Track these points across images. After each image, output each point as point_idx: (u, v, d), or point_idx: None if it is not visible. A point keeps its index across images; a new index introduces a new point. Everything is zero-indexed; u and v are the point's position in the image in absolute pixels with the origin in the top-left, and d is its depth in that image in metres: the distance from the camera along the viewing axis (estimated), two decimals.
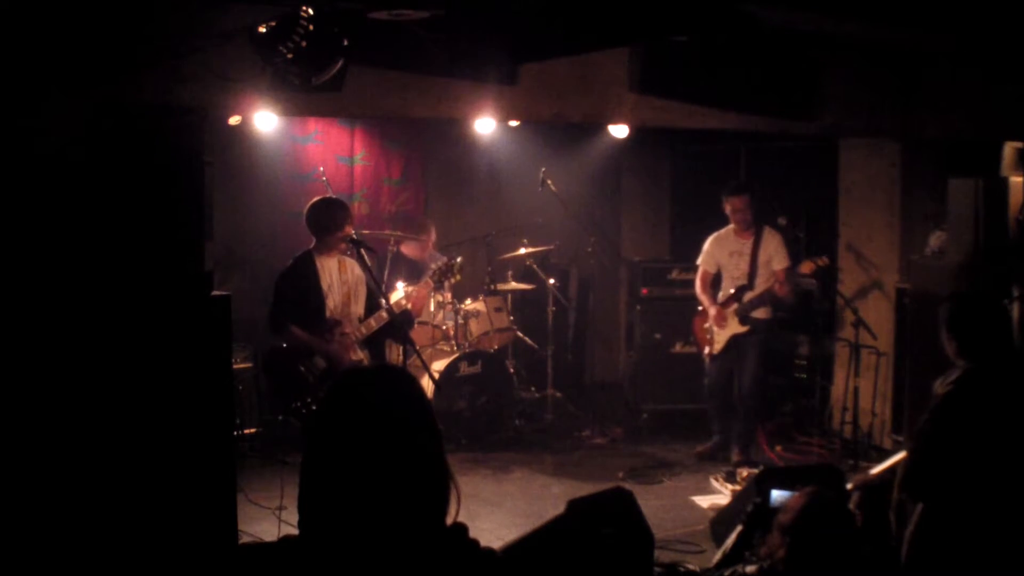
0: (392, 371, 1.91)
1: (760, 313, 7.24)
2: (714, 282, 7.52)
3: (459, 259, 6.61)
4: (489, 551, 1.83)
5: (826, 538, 3.02)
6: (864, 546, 3.64)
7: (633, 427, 8.17)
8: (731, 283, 7.36)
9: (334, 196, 6.50)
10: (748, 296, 7.23)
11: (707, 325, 7.42)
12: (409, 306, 6.36)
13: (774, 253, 7.21)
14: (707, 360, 7.48)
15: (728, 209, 7.32)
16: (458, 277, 6.56)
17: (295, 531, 1.83)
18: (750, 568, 3.28)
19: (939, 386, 3.88)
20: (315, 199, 6.10)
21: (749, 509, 3.98)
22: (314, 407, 5.73)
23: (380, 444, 1.74)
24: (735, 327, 7.25)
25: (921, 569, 3.72)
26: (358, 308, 6.09)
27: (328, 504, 1.75)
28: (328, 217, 5.91)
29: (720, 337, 7.33)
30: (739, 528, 4.08)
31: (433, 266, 6.69)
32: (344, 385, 1.84)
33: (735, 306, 7.26)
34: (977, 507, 3.67)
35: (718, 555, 4.29)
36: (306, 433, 1.83)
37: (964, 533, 3.66)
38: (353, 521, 1.72)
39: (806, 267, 7.08)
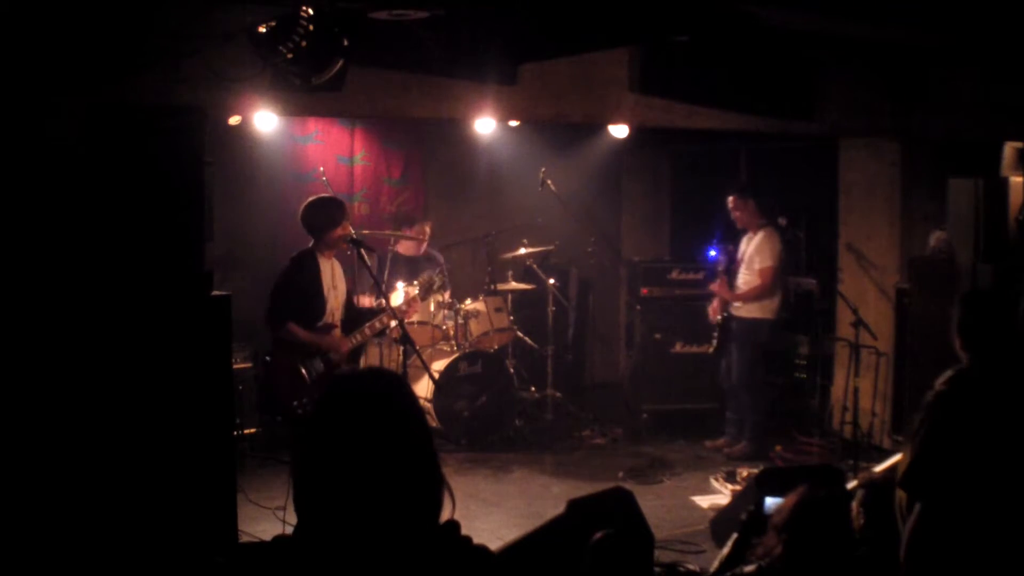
0: (384, 374, 1.96)
1: (743, 311, 7.42)
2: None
3: (439, 278, 6.78)
4: (481, 548, 1.85)
5: (821, 534, 3.02)
6: (862, 544, 3.64)
7: (633, 427, 8.16)
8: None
9: (329, 194, 6.44)
10: (723, 291, 7.54)
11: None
12: (393, 326, 6.14)
13: (755, 253, 7.38)
14: None
15: None
16: (441, 295, 6.63)
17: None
18: (748, 568, 3.28)
19: (937, 384, 3.89)
20: (310, 198, 5.99)
21: (743, 517, 3.98)
22: (309, 408, 5.70)
23: (373, 445, 1.77)
24: (717, 320, 7.63)
25: (917, 568, 3.72)
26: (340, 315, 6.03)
27: (322, 504, 1.77)
28: (324, 215, 5.82)
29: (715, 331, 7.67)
30: (735, 536, 4.08)
31: (417, 281, 6.81)
32: (338, 387, 1.88)
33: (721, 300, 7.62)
34: (974, 505, 3.67)
35: (715, 563, 4.28)
36: (297, 434, 1.85)
37: (962, 531, 3.66)
38: (346, 520, 1.75)
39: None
